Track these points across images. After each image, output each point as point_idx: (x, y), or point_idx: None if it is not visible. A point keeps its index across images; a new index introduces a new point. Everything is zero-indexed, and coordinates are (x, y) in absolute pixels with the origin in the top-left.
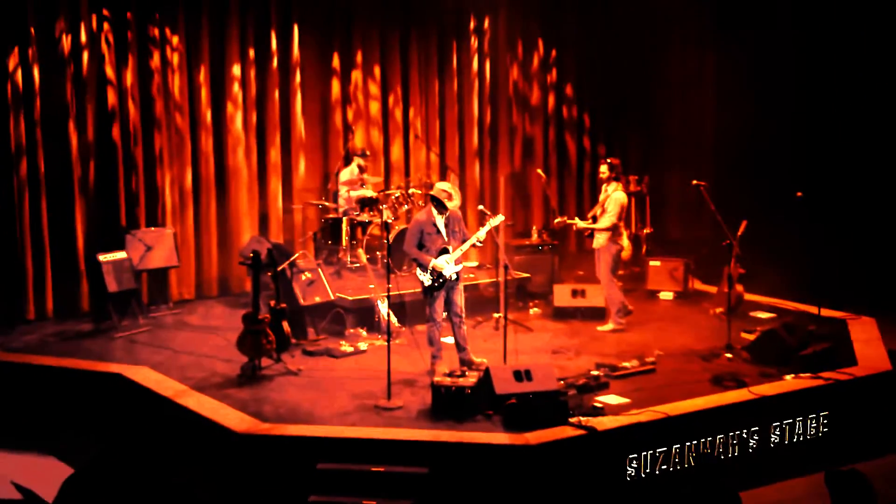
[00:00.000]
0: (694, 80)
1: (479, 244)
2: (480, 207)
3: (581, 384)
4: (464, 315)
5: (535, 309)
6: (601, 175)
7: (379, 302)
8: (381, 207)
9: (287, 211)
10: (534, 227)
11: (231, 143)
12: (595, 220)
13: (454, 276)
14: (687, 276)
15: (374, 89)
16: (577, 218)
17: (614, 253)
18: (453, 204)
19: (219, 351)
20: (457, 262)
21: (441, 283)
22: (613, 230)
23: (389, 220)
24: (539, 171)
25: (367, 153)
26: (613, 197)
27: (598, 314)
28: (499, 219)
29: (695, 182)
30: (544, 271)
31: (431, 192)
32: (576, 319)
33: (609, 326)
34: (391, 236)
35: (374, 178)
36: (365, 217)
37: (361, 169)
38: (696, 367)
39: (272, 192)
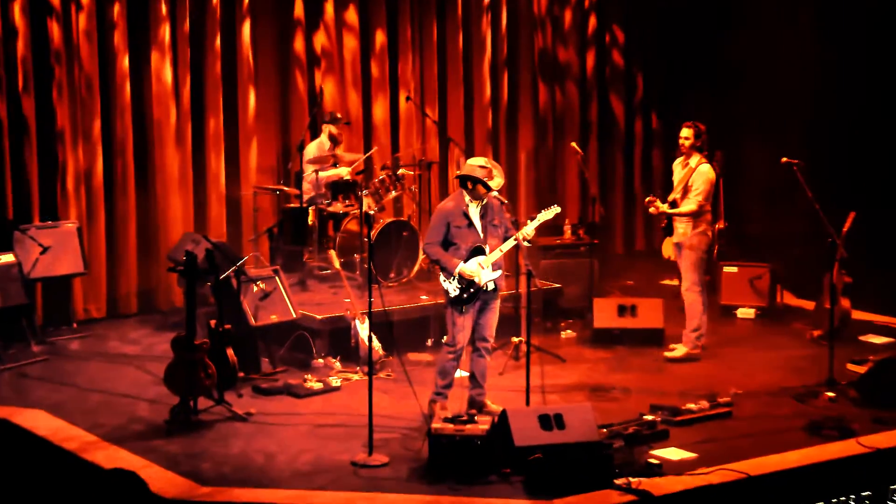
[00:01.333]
0: (787, 18)
1: (527, 243)
2: (495, 193)
3: (631, 433)
4: (492, 341)
5: (569, 331)
6: (683, 142)
7: (357, 322)
8: (360, 194)
9: (233, 199)
10: (566, 221)
11: (157, 109)
12: (673, 205)
13: (491, 286)
14: (774, 287)
15: (352, 42)
16: (657, 201)
17: (704, 246)
18: (495, 184)
19: (140, 388)
20: (494, 265)
21: (473, 293)
22: (699, 216)
23: (371, 212)
24: (573, 144)
25: (340, 118)
26: (700, 172)
27: (653, 338)
28: (553, 211)
29: (786, 160)
30: (580, 280)
31: (461, 172)
32: (623, 345)
33: (681, 351)
34: (374, 233)
35: (350, 155)
36: (339, 207)
37: (334, 141)
38: (786, 411)
39: (212, 173)
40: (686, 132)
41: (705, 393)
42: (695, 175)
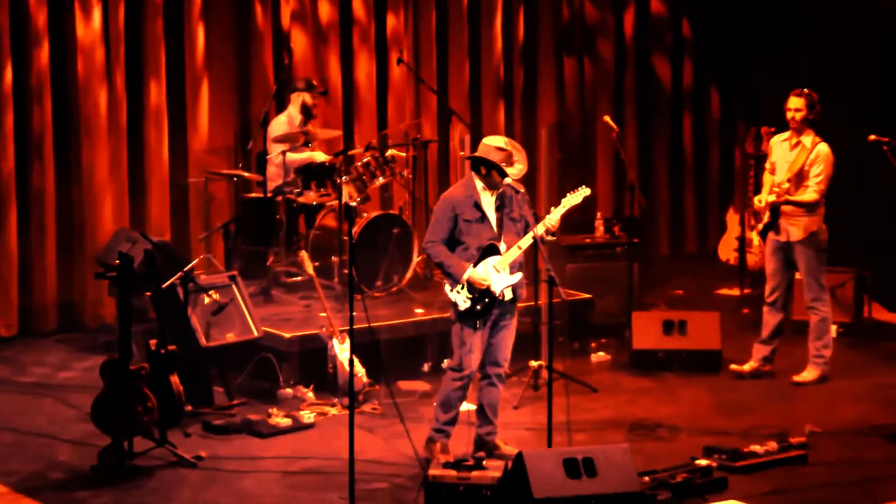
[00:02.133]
0: None
1: (550, 237)
2: (510, 181)
3: (679, 482)
4: (507, 366)
5: (601, 353)
6: (793, 115)
7: (336, 342)
8: (339, 181)
9: (179, 187)
10: (598, 215)
11: (82, 71)
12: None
13: (508, 295)
14: (860, 298)
15: None
16: (765, 191)
17: (823, 245)
18: (514, 171)
19: (61, 425)
20: (512, 267)
21: (487, 305)
22: (815, 208)
23: (354, 203)
24: (607, 119)
25: (316, 85)
26: (821, 153)
27: (708, 362)
28: (581, 194)
29: (874, 138)
30: (616, 289)
31: (474, 154)
32: (670, 371)
33: (811, 374)
34: (356, 230)
35: (327, 132)
36: (312, 197)
37: (307, 113)
38: (877, 454)
39: (153, 154)
40: (796, 102)
41: (773, 432)
42: (814, 156)
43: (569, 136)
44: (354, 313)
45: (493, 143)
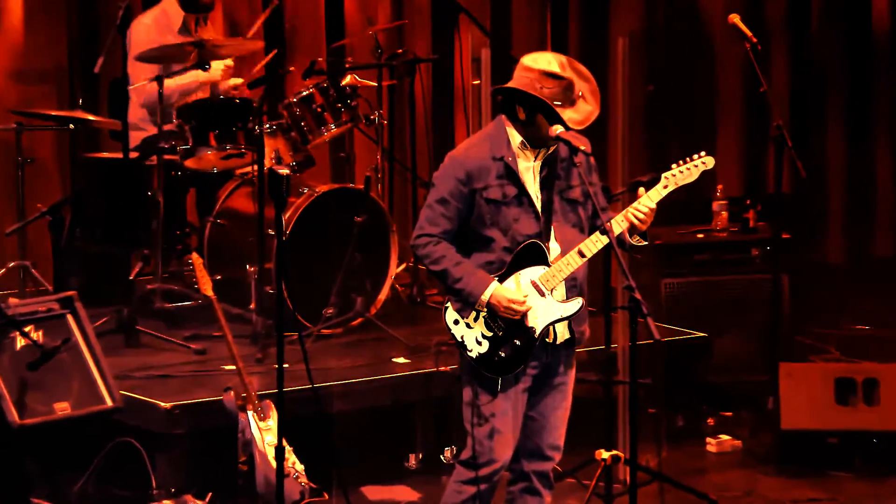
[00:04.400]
0: None
1: (635, 243)
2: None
3: None
4: (559, 456)
5: (725, 437)
6: None
7: (252, 418)
8: (258, 130)
9: None
10: (718, 191)
11: None
12: None
13: (561, 334)
14: None
15: None
16: None
17: None
18: (579, 117)
19: None
20: (569, 286)
21: (521, 350)
22: None
23: (285, 171)
24: (735, 19)
25: None
26: None
27: None
28: (698, 166)
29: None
30: (751, 322)
31: (506, 85)
32: (850, 471)
33: None
34: (290, 218)
35: (238, 44)
36: (209, 159)
37: (195, 6)
38: None
39: None
40: None
41: None
42: None
43: (663, 55)
44: (286, 365)
45: (541, 65)
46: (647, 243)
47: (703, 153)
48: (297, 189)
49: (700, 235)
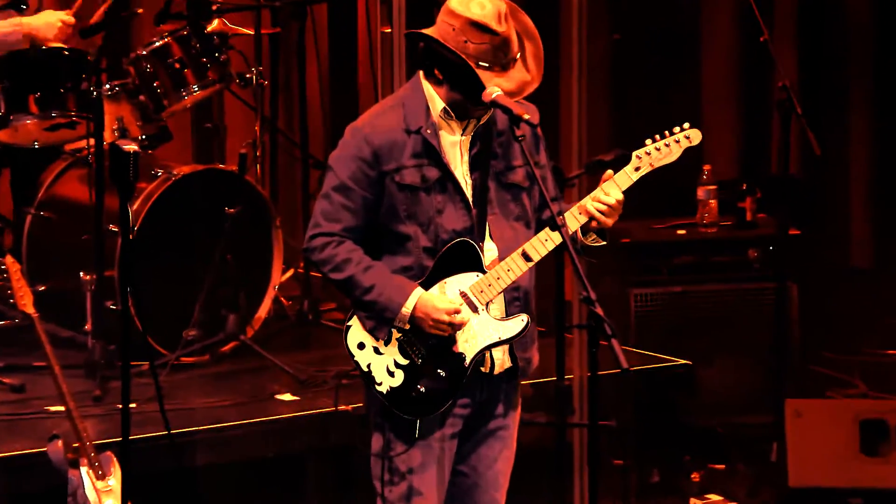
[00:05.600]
0: None
1: (592, 243)
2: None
3: None
4: None
5: (713, 497)
6: None
7: (87, 475)
8: (93, 93)
9: None
10: (705, 173)
11: None
12: None
13: (500, 362)
14: None
15: None
16: None
17: None
18: (512, 83)
19: None
20: (509, 300)
21: (447, 383)
22: None
23: (131, 147)
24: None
25: None
26: None
27: None
28: (680, 141)
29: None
30: (748, 345)
31: (422, 31)
32: None
33: None
34: (139, 210)
35: None
36: (28, 130)
37: None
38: None
39: None
40: None
41: None
42: None
43: None
44: (133, 405)
45: (471, 11)
46: (605, 243)
47: (686, 125)
48: (148, 171)
49: (681, 231)
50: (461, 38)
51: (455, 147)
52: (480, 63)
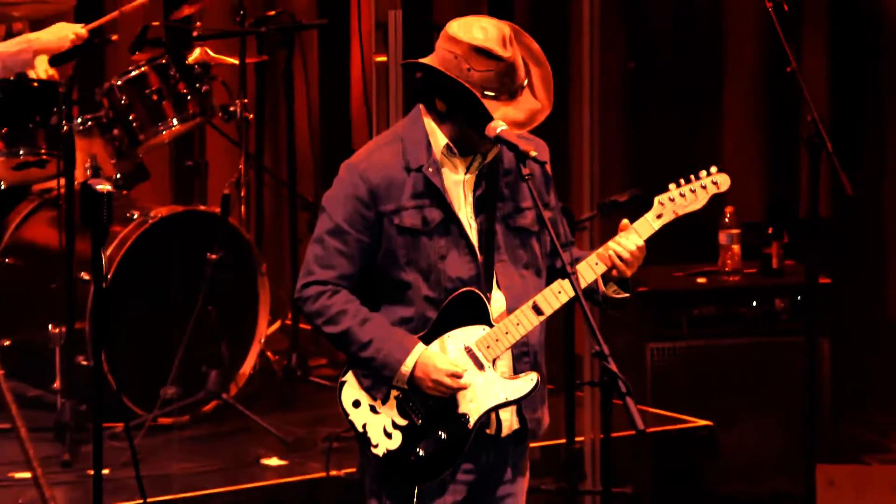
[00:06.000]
0: None
1: (613, 294)
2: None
3: None
4: None
5: None
6: None
7: None
8: (64, 127)
9: None
10: (727, 215)
11: None
12: None
13: (507, 424)
14: None
15: None
16: None
17: None
18: (521, 113)
19: None
20: (516, 356)
21: (448, 447)
22: None
23: (105, 187)
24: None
25: None
26: None
27: None
28: (707, 185)
29: None
30: (775, 405)
31: (421, 60)
32: None
33: None
34: (113, 255)
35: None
36: None
37: None
38: None
39: None
40: None
41: None
42: None
43: (650, 19)
44: (106, 471)
45: (473, 36)
46: (628, 296)
47: (713, 169)
48: (123, 213)
49: (701, 280)
50: (464, 66)
51: (458, 187)
52: (486, 92)
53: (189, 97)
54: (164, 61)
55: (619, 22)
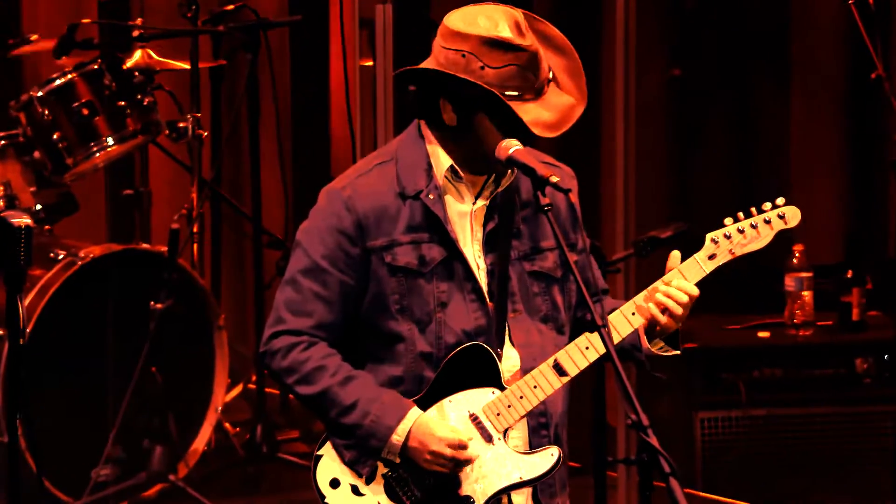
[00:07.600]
0: None
1: (658, 351)
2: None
3: None
4: None
5: None
6: None
7: None
8: None
9: None
10: (796, 255)
11: None
12: None
13: None
14: None
15: None
16: None
17: None
18: (548, 116)
19: None
20: (536, 426)
21: None
22: None
23: (23, 221)
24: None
25: None
26: None
27: None
28: (773, 221)
29: None
30: (853, 491)
31: (418, 67)
32: None
33: None
34: (34, 303)
35: None
36: None
37: None
38: None
39: None
40: None
41: None
42: None
43: (697, 16)
44: None
45: (481, 27)
46: (678, 353)
47: (780, 201)
48: (45, 254)
49: (764, 334)
50: (475, 64)
51: (465, 219)
52: (507, 92)
53: (128, 111)
54: (96, 67)
55: (660, 21)
